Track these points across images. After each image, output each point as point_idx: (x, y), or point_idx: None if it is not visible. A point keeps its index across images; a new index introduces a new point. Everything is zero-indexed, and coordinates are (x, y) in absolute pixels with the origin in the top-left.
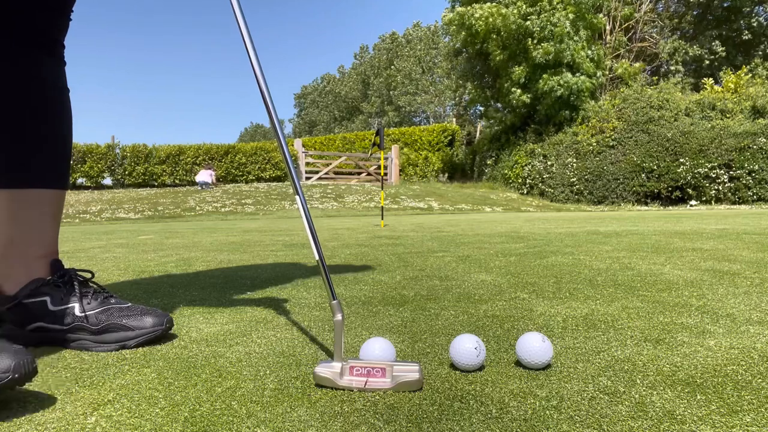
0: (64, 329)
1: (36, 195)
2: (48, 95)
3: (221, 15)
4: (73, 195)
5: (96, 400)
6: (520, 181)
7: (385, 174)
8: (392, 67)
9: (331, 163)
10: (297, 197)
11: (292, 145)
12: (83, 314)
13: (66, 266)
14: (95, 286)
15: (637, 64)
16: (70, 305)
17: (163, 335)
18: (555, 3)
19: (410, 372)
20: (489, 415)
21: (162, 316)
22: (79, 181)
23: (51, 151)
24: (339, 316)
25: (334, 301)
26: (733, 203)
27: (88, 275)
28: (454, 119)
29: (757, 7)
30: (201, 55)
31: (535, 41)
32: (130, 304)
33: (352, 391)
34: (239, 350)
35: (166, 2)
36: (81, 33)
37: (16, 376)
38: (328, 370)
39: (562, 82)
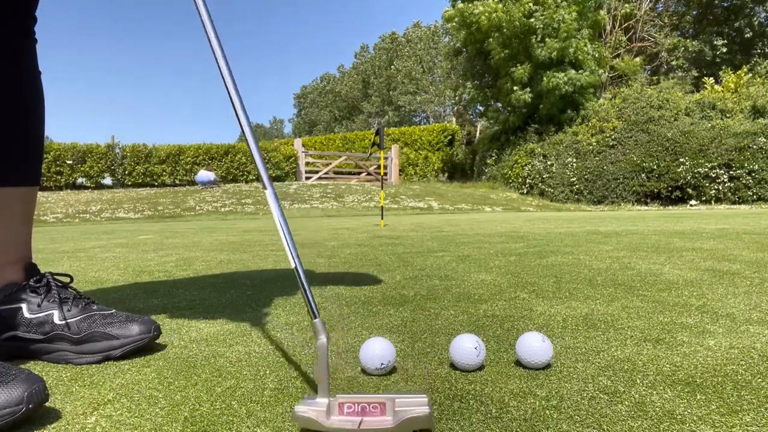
0: (41, 339)
1: (6, 193)
2: (22, 85)
3: (222, 15)
4: (73, 195)
5: (96, 400)
6: (520, 180)
7: (385, 174)
8: (392, 66)
9: (331, 163)
10: (267, 191)
11: (292, 145)
12: (64, 322)
13: (65, 266)
14: (74, 291)
15: (637, 59)
16: (48, 312)
17: (149, 344)
18: (559, 0)
19: (417, 406)
20: (489, 415)
21: (149, 323)
22: (79, 181)
23: (20, 142)
24: (323, 338)
25: (316, 320)
26: (733, 203)
27: (67, 279)
28: (454, 119)
29: (757, 7)
30: (201, 54)
31: (538, 39)
32: (113, 310)
33: None
34: (239, 350)
35: (166, 2)
36: (81, 32)
37: (30, 406)
38: (311, 408)
39: (566, 79)
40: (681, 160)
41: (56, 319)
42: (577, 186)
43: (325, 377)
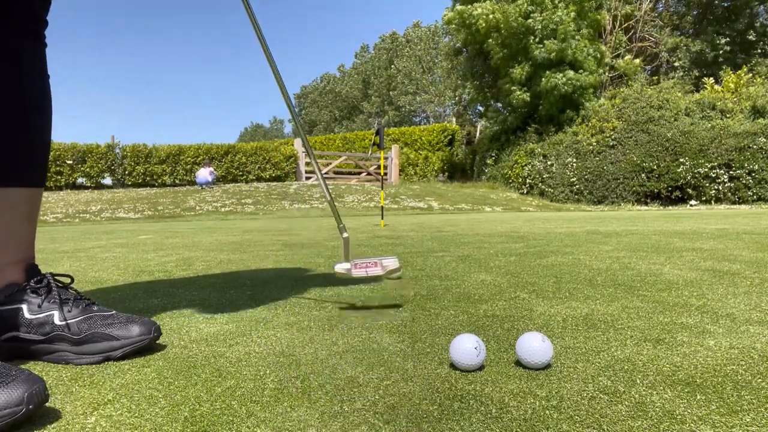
0: (41, 340)
1: (7, 194)
2: (22, 86)
3: (221, 14)
4: (73, 195)
5: (96, 400)
6: (520, 180)
7: (385, 174)
8: (392, 66)
9: (331, 163)
10: (317, 173)
11: (292, 145)
12: (64, 323)
13: (66, 266)
14: (75, 292)
15: (636, 60)
16: (48, 313)
17: (150, 345)
18: (557, 1)
19: (393, 262)
20: (489, 415)
21: (149, 324)
22: (79, 181)
23: (24, 143)
24: (346, 234)
25: (341, 225)
26: (733, 203)
27: (68, 280)
28: (454, 119)
29: (758, 7)
30: (201, 54)
31: (537, 39)
32: (113, 311)
33: (360, 278)
34: (239, 350)
35: (166, 1)
36: (81, 32)
37: (30, 407)
38: (343, 267)
39: (565, 79)
40: (681, 160)
41: (57, 319)
42: (577, 186)
43: (347, 253)
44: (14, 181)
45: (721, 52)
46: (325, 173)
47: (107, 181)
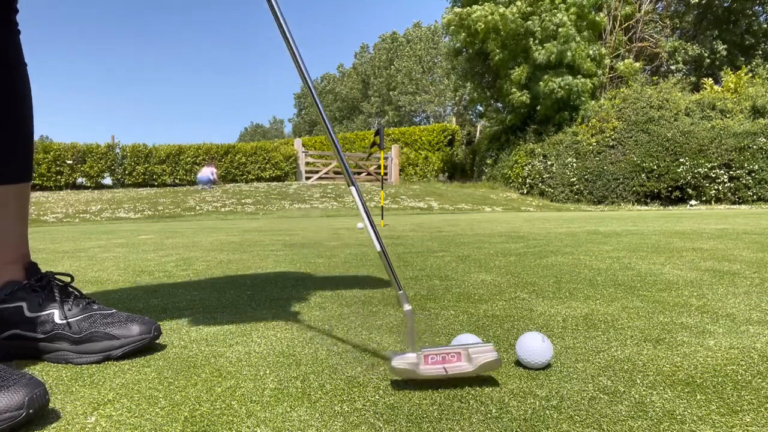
0: (41, 338)
1: (1, 192)
2: (8, 79)
3: (221, 14)
4: (73, 195)
5: (96, 400)
6: (520, 180)
7: (385, 174)
8: (392, 66)
9: (331, 163)
10: (352, 188)
11: (292, 145)
12: (64, 321)
13: (66, 266)
14: (75, 291)
15: (636, 64)
16: (49, 311)
17: (150, 344)
18: (557, 2)
19: (488, 352)
20: (489, 415)
21: (149, 324)
22: (79, 180)
23: (9, 138)
24: (407, 306)
25: (401, 292)
26: (733, 203)
27: (68, 279)
28: (454, 119)
29: (757, 8)
30: (201, 54)
31: (536, 41)
32: (113, 310)
33: (434, 379)
34: (239, 350)
35: (166, 1)
36: (81, 32)
37: (31, 411)
38: (405, 361)
39: (562, 84)
40: (681, 160)
41: (57, 318)
42: (577, 186)
43: (411, 336)
44: (6, 178)
45: (716, 56)
46: (325, 173)
47: (107, 181)
